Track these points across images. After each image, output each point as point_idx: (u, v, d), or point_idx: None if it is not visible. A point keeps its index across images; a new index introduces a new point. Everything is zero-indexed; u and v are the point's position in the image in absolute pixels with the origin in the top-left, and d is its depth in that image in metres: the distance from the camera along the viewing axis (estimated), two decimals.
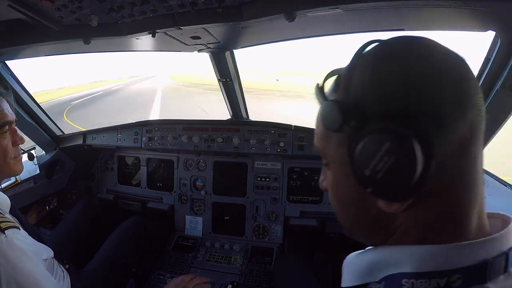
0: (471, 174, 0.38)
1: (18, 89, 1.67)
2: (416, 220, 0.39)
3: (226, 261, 1.82)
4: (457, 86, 0.36)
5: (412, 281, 0.37)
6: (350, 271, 0.46)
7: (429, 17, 0.99)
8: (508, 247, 0.39)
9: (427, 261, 0.38)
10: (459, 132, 0.35)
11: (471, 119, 0.36)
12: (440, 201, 0.38)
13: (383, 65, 0.38)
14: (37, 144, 2.03)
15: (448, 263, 0.37)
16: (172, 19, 1.05)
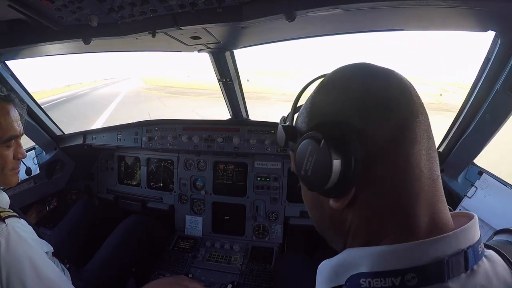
0: (408, 173, 0.41)
1: (18, 89, 1.67)
2: (361, 219, 0.44)
3: (226, 261, 1.82)
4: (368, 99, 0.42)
5: (369, 280, 0.40)
6: (321, 276, 0.49)
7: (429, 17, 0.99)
8: (467, 246, 0.40)
9: (381, 261, 0.40)
10: (381, 132, 0.40)
11: (396, 122, 0.41)
12: (377, 200, 0.42)
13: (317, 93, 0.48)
14: (37, 144, 2.03)
15: (400, 263, 0.39)
16: (172, 19, 1.05)
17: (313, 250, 2.07)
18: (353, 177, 0.40)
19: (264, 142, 1.86)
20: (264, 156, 1.95)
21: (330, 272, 0.47)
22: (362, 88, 0.43)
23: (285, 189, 1.96)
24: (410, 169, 0.41)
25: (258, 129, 1.89)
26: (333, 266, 0.47)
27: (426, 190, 0.41)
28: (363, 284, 0.40)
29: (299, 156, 0.44)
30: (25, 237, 0.89)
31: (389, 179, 0.41)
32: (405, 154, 0.41)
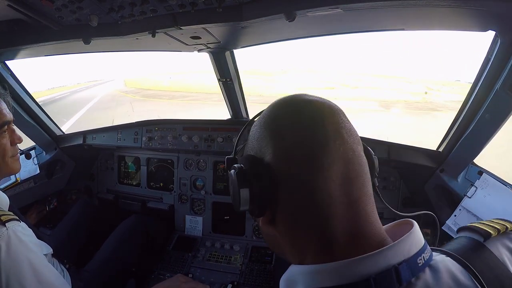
0: (313, 198, 0.43)
1: (18, 89, 1.67)
2: (284, 238, 0.48)
3: (226, 261, 1.82)
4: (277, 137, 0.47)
5: None
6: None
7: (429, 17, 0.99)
8: (400, 261, 0.41)
9: (312, 279, 0.43)
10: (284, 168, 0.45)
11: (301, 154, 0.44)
12: (290, 221, 0.46)
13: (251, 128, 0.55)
14: (37, 144, 2.03)
15: (326, 281, 0.41)
16: (172, 19, 1.05)
17: None
18: (261, 201, 0.47)
19: None
20: None
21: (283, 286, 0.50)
22: (274, 124, 0.49)
23: None
24: (315, 194, 0.43)
25: None
26: (284, 281, 0.49)
27: (340, 213, 0.43)
28: None
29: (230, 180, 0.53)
30: (26, 240, 0.89)
31: (298, 202, 0.45)
32: (308, 181, 0.44)
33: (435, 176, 1.49)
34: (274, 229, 0.49)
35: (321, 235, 0.44)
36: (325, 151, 0.44)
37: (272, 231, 0.50)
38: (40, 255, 0.93)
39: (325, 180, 0.43)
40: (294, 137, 0.46)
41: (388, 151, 1.72)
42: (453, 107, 17.63)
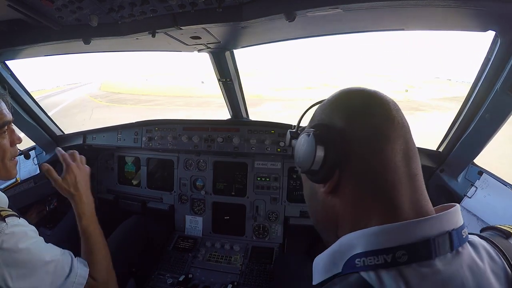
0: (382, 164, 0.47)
1: (18, 89, 1.67)
2: (347, 204, 0.50)
3: (226, 261, 1.82)
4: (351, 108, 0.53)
5: (363, 259, 0.44)
6: (318, 268, 0.53)
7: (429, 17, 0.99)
8: (451, 228, 0.45)
9: (373, 240, 0.45)
10: (356, 134, 0.49)
11: (372, 125, 0.49)
12: (359, 185, 0.49)
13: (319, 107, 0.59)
14: (37, 144, 2.03)
15: (391, 241, 0.43)
16: (172, 19, 1.05)
17: (313, 250, 2.07)
18: (334, 162, 0.49)
19: (264, 142, 1.86)
20: (264, 156, 1.95)
21: (326, 262, 0.51)
22: (348, 103, 0.55)
23: (285, 189, 1.96)
24: (384, 161, 0.47)
25: (258, 129, 1.89)
26: (329, 255, 0.51)
27: (404, 182, 0.47)
28: (358, 263, 0.44)
29: (297, 146, 0.59)
30: (26, 231, 0.90)
31: (366, 168, 0.48)
32: (379, 149, 0.48)
33: (435, 176, 1.49)
34: (335, 198, 0.51)
35: (387, 200, 0.47)
36: (391, 127, 0.49)
37: (331, 200, 0.52)
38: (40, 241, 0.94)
39: (392, 151, 0.48)
40: (365, 110, 0.51)
41: None
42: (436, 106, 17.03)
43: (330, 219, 0.54)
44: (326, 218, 0.55)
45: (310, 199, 0.61)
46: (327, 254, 0.52)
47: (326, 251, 0.52)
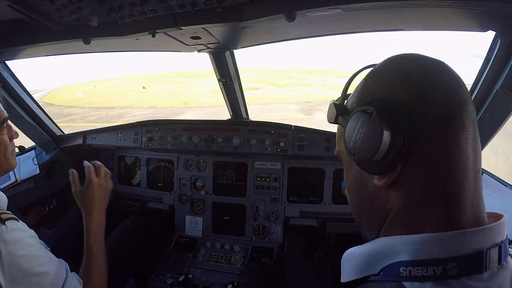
0: (455, 159, 0.40)
1: (18, 89, 1.67)
2: (404, 202, 0.43)
3: (226, 261, 1.82)
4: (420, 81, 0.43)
5: (410, 268, 0.39)
6: (349, 265, 0.48)
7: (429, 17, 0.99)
8: (500, 240, 0.40)
9: (423, 249, 0.39)
10: (428, 117, 0.40)
11: (445, 106, 0.41)
12: (423, 183, 0.41)
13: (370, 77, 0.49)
14: (37, 144, 2.03)
15: (442, 251, 0.38)
16: (172, 19, 1.05)
17: (313, 251, 2.07)
18: (401, 151, 0.40)
19: (264, 142, 1.85)
20: (264, 156, 1.95)
21: (361, 261, 0.46)
22: (415, 73, 0.44)
23: (285, 189, 1.96)
24: (457, 154, 0.40)
25: (258, 129, 1.89)
26: (366, 255, 0.46)
27: (470, 180, 0.41)
28: (403, 272, 0.39)
29: (350, 128, 0.46)
30: (25, 236, 0.90)
31: (436, 161, 0.40)
32: (454, 139, 0.40)
33: None
34: (391, 192, 0.44)
35: (451, 204, 0.40)
36: (464, 109, 0.41)
37: (385, 194, 0.44)
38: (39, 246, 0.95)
39: (466, 141, 0.40)
40: (437, 84, 0.42)
41: None
42: None
43: (379, 214, 0.46)
44: (374, 213, 0.48)
45: (355, 189, 0.51)
46: (363, 252, 0.46)
47: (362, 249, 0.47)
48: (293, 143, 1.84)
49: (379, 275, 0.42)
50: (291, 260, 1.58)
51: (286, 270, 1.51)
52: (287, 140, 1.84)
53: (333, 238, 2.04)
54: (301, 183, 1.98)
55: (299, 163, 1.94)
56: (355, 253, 0.48)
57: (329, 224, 1.86)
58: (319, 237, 2.05)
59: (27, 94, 1.74)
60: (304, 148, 1.83)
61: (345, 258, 0.49)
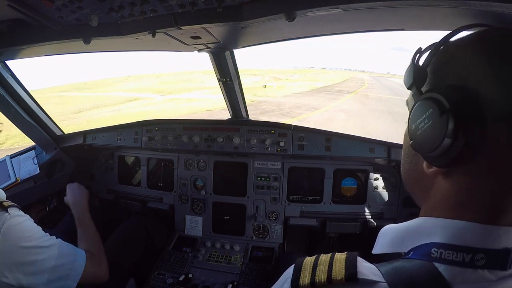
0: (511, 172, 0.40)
1: (18, 89, 1.67)
2: (451, 191, 0.43)
3: (226, 261, 1.82)
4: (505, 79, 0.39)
5: (441, 251, 0.40)
6: (385, 238, 0.49)
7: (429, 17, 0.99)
8: None
9: (458, 235, 0.41)
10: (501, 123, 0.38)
11: None
12: (475, 180, 0.41)
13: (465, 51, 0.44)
14: (37, 144, 2.03)
15: (475, 241, 0.40)
16: (172, 19, 1.05)
17: (312, 250, 2.07)
18: (459, 155, 0.39)
19: (264, 142, 1.86)
20: (264, 156, 1.95)
21: (396, 237, 0.47)
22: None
23: (285, 189, 1.96)
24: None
25: (258, 129, 1.89)
26: (402, 231, 0.47)
27: None
28: (434, 253, 0.40)
29: (417, 111, 0.44)
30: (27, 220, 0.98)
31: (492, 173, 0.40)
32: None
33: None
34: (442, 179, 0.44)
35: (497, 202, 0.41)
36: None
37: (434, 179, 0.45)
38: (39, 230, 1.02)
39: None
40: None
41: (388, 151, 1.72)
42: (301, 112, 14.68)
43: (423, 191, 0.48)
44: (419, 187, 0.50)
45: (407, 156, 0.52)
46: (400, 229, 0.47)
47: (400, 225, 0.48)
48: (293, 142, 1.84)
49: (408, 254, 0.43)
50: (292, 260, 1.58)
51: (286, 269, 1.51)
52: (287, 139, 1.84)
53: (333, 237, 2.05)
54: (301, 182, 1.98)
55: (299, 162, 1.94)
56: (393, 228, 0.49)
57: (329, 224, 1.86)
58: (319, 236, 2.05)
59: (27, 94, 1.74)
60: (304, 148, 1.83)
61: (383, 231, 0.51)
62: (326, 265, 0.43)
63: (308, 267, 0.44)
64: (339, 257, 0.44)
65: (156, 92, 21.98)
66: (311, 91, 22.41)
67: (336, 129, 1.74)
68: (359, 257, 0.43)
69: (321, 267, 0.43)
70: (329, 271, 0.42)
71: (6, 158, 1.92)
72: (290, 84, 26.83)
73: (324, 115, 11.45)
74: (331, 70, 74.51)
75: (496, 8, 0.77)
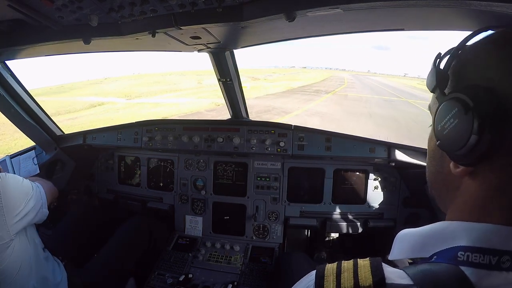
0: None
1: (18, 89, 1.67)
2: (477, 192, 0.43)
3: (226, 261, 1.82)
4: None
5: (468, 254, 0.40)
6: (402, 244, 0.48)
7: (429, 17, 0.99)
8: None
9: (484, 237, 0.40)
10: None
11: None
12: (503, 181, 0.41)
13: (487, 49, 0.45)
14: (37, 144, 2.03)
15: (501, 244, 0.39)
16: (172, 19, 1.05)
17: (313, 250, 2.07)
18: (486, 153, 0.39)
19: (264, 142, 1.86)
20: (264, 156, 1.95)
21: (416, 242, 0.47)
22: None
23: (285, 189, 1.96)
24: None
25: (258, 129, 1.89)
26: (422, 236, 0.46)
27: None
28: (461, 257, 0.40)
29: (442, 111, 0.45)
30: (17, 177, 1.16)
31: None
32: None
33: None
34: (468, 180, 0.44)
35: None
36: None
37: (460, 179, 0.45)
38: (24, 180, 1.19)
39: None
40: None
41: (388, 151, 1.73)
42: None
43: (449, 193, 0.48)
44: (445, 190, 0.49)
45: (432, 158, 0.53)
46: (420, 233, 0.47)
47: (420, 230, 0.47)
48: (293, 142, 1.84)
49: (430, 258, 0.43)
50: (292, 259, 1.58)
51: (286, 269, 1.51)
52: (287, 139, 1.84)
53: (333, 237, 2.05)
54: (301, 183, 1.98)
55: (299, 163, 1.94)
56: (412, 232, 0.48)
57: (329, 224, 1.86)
58: (319, 236, 2.05)
59: (27, 94, 1.74)
60: (304, 148, 1.83)
61: (399, 236, 0.50)
62: (350, 272, 0.42)
63: (331, 274, 0.43)
64: (363, 263, 0.43)
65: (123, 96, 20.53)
66: (286, 92, 21.24)
67: None
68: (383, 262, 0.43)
69: (346, 274, 0.42)
70: (355, 278, 0.41)
71: (6, 158, 1.92)
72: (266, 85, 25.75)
73: (295, 120, 10.41)
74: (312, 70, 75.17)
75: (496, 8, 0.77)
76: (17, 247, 1.10)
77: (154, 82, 27.42)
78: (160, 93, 21.28)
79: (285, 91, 22.10)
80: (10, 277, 1.06)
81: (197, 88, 22.85)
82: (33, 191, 1.20)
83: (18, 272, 1.09)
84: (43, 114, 1.91)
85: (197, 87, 23.37)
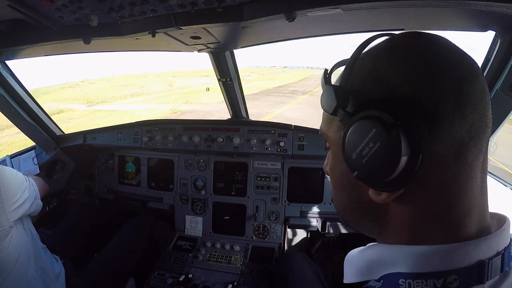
0: (466, 180, 0.37)
1: (18, 89, 1.67)
2: (408, 214, 0.40)
3: (226, 261, 1.82)
4: (457, 86, 0.35)
5: (409, 281, 0.37)
6: (351, 268, 0.47)
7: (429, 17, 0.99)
8: (503, 247, 0.39)
9: (422, 262, 0.38)
10: (454, 133, 0.35)
11: (471, 122, 0.35)
12: (431, 199, 0.38)
13: (384, 57, 0.39)
14: (37, 144, 2.03)
15: (443, 264, 0.37)
16: (172, 19, 1.05)
17: (313, 250, 2.07)
18: (414, 176, 0.35)
19: (264, 142, 1.86)
20: (264, 156, 1.95)
21: (362, 266, 0.45)
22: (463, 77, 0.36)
23: (285, 189, 1.96)
24: (469, 181, 0.37)
25: (258, 129, 1.89)
26: (366, 260, 0.45)
27: (478, 203, 0.39)
28: (402, 285, 0.38)
29: (353, 136, 0.37)
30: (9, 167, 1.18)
31: (447, 186, 0.37)
32: (470, 163, 0.37)
33: None
34: (393, 204, 0.40)
35: (455, 224, 0.38)
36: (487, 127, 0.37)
37: (387, 206, 0.41)
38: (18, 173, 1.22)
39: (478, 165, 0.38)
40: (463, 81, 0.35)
41: None
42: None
43: (374, 222, 0.44)
44: (367, 219, 0.45)
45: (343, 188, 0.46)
46: (363, 258, 0.45)
47: (363, 254, 0.46)
48: (293, 142, 1.84)
49: (379, 281, 0.41)
50: (292, 260, 1.58)
51: (287, 269, 1.51)
52: (287, 139, 1.84)
53: (333, 237, 2.05)
54: (301, 182, 1.98)
55: (299, 162, 1.94)
56: (356, 257, 0.47)
57: (329, 224, 1.86)
58: (319, 236, 2.05)
59: (27, 94, 1.74)
60: (304, 148, 1.83)
61: (347, 259, 0.49)
62: None
63: None
64: None
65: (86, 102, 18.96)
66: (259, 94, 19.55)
67: None
68: None
69: None
70: None
71: (6, 158, 1.92)
72: None
73: None
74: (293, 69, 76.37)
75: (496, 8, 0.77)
76: (15, 236, 1.11)
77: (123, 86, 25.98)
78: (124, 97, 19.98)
79: (258, 92, 20.50)
80: (9, 266, 1.07)
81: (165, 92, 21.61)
82: (27, 182, 1.25)
83: (17, 261, 1.10)
84: (43, 114, 1.91)
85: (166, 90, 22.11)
